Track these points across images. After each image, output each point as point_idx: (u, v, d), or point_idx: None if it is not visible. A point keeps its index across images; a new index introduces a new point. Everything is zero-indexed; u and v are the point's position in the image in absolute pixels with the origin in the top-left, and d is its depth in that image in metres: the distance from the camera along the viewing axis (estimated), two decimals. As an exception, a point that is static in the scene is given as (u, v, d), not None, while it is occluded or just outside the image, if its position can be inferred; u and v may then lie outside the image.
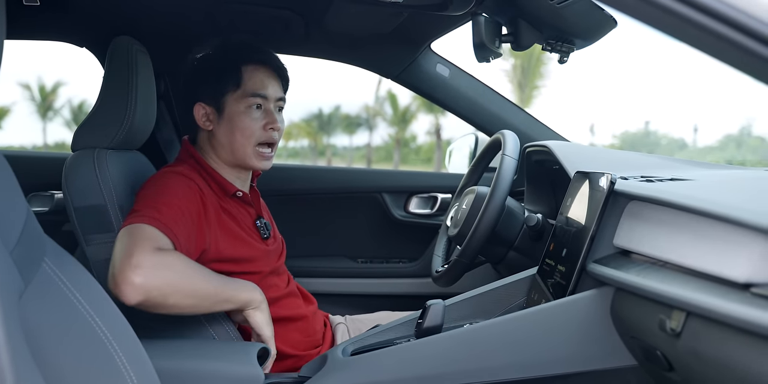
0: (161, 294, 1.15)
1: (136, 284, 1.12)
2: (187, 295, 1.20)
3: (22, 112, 46.46)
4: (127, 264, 1.13)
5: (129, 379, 0.87)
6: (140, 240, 1.17)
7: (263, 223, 1.53)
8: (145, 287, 1.12)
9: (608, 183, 1.05)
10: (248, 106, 1.44)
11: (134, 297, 1.12)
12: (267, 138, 1.46)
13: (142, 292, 1.12)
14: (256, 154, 1.46)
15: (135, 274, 1.12)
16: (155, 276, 1.14)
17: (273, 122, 1.45)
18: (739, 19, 0.60)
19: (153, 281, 1.13)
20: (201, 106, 1.46)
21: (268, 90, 1.45)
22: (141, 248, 1.15)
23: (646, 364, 0.98)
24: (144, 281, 1.12)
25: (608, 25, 1.29)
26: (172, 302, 1.17)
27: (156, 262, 1.15)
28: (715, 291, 0.74)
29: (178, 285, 1.18)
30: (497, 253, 1.55)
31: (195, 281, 1.21)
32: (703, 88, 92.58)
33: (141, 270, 1.12)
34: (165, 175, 1.39)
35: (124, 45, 1.47)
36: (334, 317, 1.72)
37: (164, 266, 1.17)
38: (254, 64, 1.46)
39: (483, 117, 2.08)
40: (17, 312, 0.67)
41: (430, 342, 1.14)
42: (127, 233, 1.19)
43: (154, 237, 1.20)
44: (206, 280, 1.24)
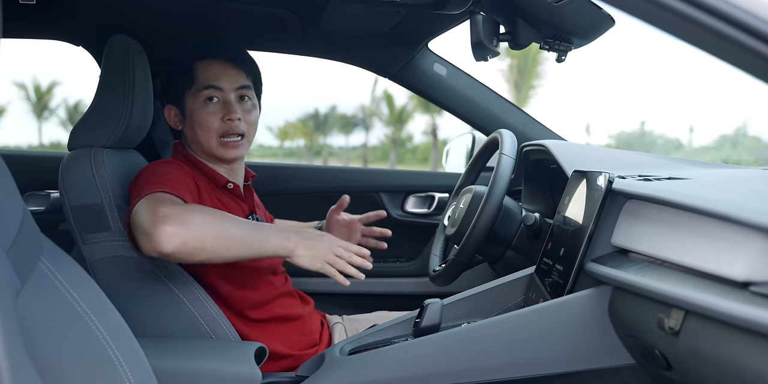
0: (195, 237, 1.16)
1: (169, 232, 1.14)
2: (220, 237, 1.20)
3: (18, 111, 46.41)
4: (156, 218, 1.15)
5: (126, 377, 0.87)
6: (159, 201, 1.20)
7: (255, 218, 1.54)
8: (179, 232, 1.14)
9: (606, 182, 1.05)
10: (203, 99, 1.45)
11: (171, 243, 1.14)
12: (227, 129, 1.45)
13: (178, 238, 1.14)
14: (221, 144, 1.45)
15: (166, 224, 1.14)
16: (186, 220, 1.16)
17: (230, 113, 1.44)
18: (740, 16, 0.60)
19: (185, 226, 1.15)
20: (169, 108, 1.50)
21: (222, 81, 1.45)
22: (164, 204, 1.19)
23: (644, 363, 0.98)
24: (177, 228, 1.15)
25: (606, 23, 1.29)
26: (208, 245, 1.18)
27: (182, 210, 1.18)
28: (713, 290, 0.74)
29: (210, 226, 1.19)
30: (495, 252, 1.55)
31: (225, 223, 1.22)
32: (699, 89, 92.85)
33: (171, 218, 1.15)
34: (156, 164, 1.41)
35: (120, 44, 1.47)
36: (331, 317, 1.72)
37: (191, 212, 1.19)
38: (207, 60, 1.47)
39: (480, 116, 2.08)
40: (14, 311, 0.67)
41: (427, 341, 1.13)
42: (143, 203, 1.21)
43: (169, 197, 1.23)
44: (236, 223, 1.24)
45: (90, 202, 1.35)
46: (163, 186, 1.26)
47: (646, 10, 0.63)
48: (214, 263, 1.27)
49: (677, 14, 0.61)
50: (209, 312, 1.35)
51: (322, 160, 45.99)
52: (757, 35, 0.60)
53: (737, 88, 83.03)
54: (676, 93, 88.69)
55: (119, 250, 1.33)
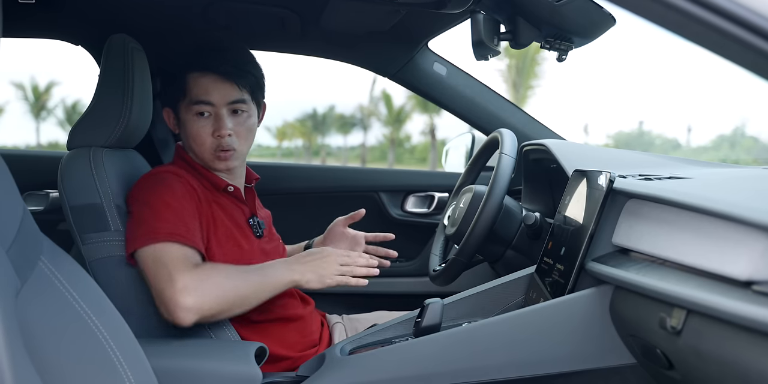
0: (212, 308, 1.22)
1: (189, 306, 1.19)
2: (235, 300, 1.26)
3: (15, 111, 46.38)
4: (173, 289, 1.19)
5: (126, 377, 0.87)
6: (172, 262, 1.23)
7: (256, 221, 1.52)
8: (197, 306, 1.19)
9: (607, 181, 1.05)
10: (195, 114, 1.41)
11: (190, 318, 1.19)
12: (217, 145, 1.41)
13: (196, 312, 1.20)
14: (216, 156, 1.43)
15: (184, 297, 1.19)
16: (203, 294, 1.21)
17: (219, 129, 1.40)
18: (743, 15, 0.60)
19: (203, 299, 1.20)
20: (167, 111, 1.49)
21: (212, 96, 1.40)
22: (178, 270, 1.22)
23: (646, 362, 0.98)
24: (195, 301, 1.19)
25: (607, 22, 1.29)
26: (225, 308, 1.25)
27: (199, 280, 1.22)
28: (716, 289, 0.74)
29: (224, 295, 1.24)
30: (495, 251, 1.55)
31: (238, 286, 1.27)
32: (697, 89, 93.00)
33: (188, 291, 1.19)
34: (155, 176, 1.39)
35: (119, 43, 1.46)
36: (331, 317, 1.71)
37: (208, 281, 1.23)
38: (199, 71, 1.41)
39: (480, 116, 2.07)
40: (14, 310, 0.67)
41: (428, 341, 1.13)
42: (154, 258, 1.24)
43: (181, 254, 1.25)
44: (247, 281, 1.29)
45: (89, 201, 1.35)
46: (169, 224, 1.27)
47: (651, 10, 0.62)
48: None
49: (682, 13, 0.60)
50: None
51: (320, 160, 45.99)
52: (761, 33, 0.60)
53: (735, 88, 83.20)
54: (674, 93, 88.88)
55: (118, 249, 1.32)
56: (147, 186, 1.36)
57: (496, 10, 1.32)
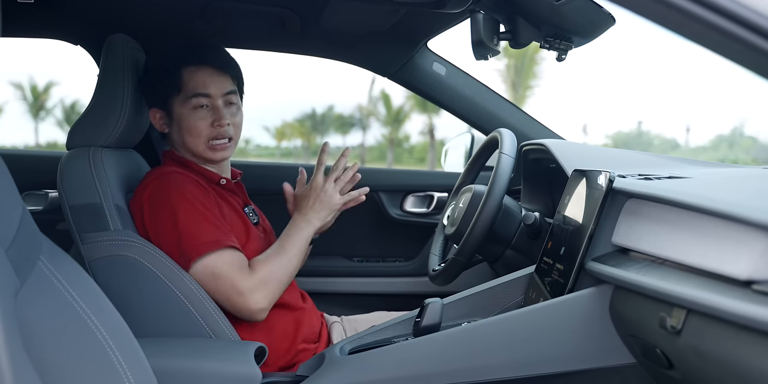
0: (276, 295, 1.40)
1: (263, 307, 1.37)
2: (290, 277, 1.44)
3: (14, 111, 46.31)
4: (243, 299, 1.35)
5: (125, 377, 0.86)
6: (228, 272, 1.34)
7: (251, 209, 1.59)
8: (268, 303, 1.38)
9: (607, 181, 1.05)
10: (192, 107, 1.46)
11: (265, 312, 1.38)
12: (216, 134, 1.47)
13: (268, 306, 1.38)
14: (209, 147, 1.48)
15: (256, 303, 1.35)
16: (269, 292, 1.37)
17: (219, 119, 1.46)
18: (743, 14, 0.60)
19: (270, 295, 1.37)
20: (154, 110, 1.50)
21: (210, 88, 1.46)
22: (238, 279, 1.34)
23: (645, 362, 0.98)
24: (265, 301, 1.37)
25: (607, 22, 1.29)
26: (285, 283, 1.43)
27: (260, 282, 1.36)
28: (716, 288, 0.74)
29: (282, 281, 1.41)
30: (494, 251, 1.55)
31: (287, 266, 1.42)
32: (696, 89, 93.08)
33: (257, 297, 1.35)
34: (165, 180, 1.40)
35: (119, 43, 1.46)
36: (329, 317, 1.72)
37: (267, 280, 1.38)
38: (194, 66, 1.46)
39: (479, 115, 2.07)
40: (13, 310, 0.67)
41: (428, 340, 1.13)
42: (208, 272, 1.34)
43: (230, 259, 1.36)
44: (288, 257, 1.43)
45: (89, 201, 1.35)
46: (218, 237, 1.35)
47: (652, 9, 0.62)
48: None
49: (683, 13, 0.60)
50: (208, 311, 1.35)
51: (319, 161, 45.71)
52: (762, 33, 0.60)
53: (734, 89, 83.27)
54: (672, 93, 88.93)
55: (118, 249, 1.32)
56: (163, 190, 1.38)
57: (495, 9, 1.32)
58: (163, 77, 1.46)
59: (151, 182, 1.41)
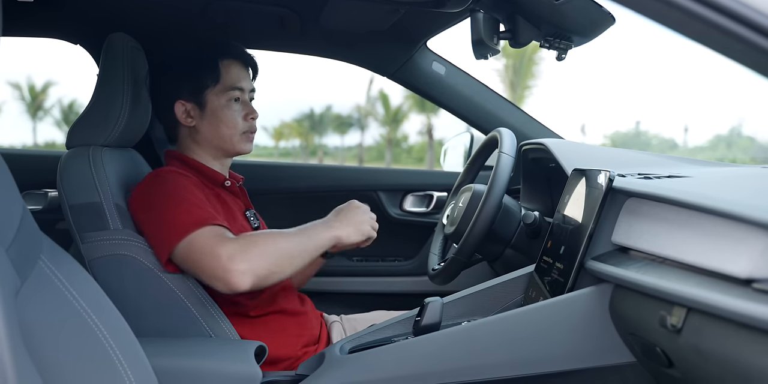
0: (263, 267, 1.23)
1: (241, 269, 1.20)
2: (283, 260, 1.27)
3: (12, 111, 46.24)
4: (220, 261, 1.21)
5: (126, 376, 0.86)
6: (208, 242, 1.24)
7: (252, 213, 1.57)
8: (249, 268, 1.21)
9: (606, 180, 1.05)
10: (228, 99, 1.48)
11: (245, 281, 1.20)
12: (250, 127, 1.52)
13: (249, 274, 1.21)
14: (243, 138, 1.51)
15: (234, 263, 1.20)
16: (251, 256, 1.22)
17: (252, 112, 1.51)
18: (745, 13, 0.60)
19: (252, 260, 1.21)
20: (181, 103, 1.48)
21: (243, 83, 1.51)
22: (218, 244, 1.23)
23: (645, 360, 0.98)
24: (245, 264, 1.21)
25: (606, 22, 1.29)
26: (276, 268, 1.25)
27: (242, 246, 1.23)
28: (716, 287, 0.74)
29: (271, 254, 1.25)
30: (494, 250, 1.55)
31: (282, 246, 1.28)
32: (694, 89, 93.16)
33: (235, 257, 1.20)
34: (158, 177, 1.40)
35: (118, 42, 1.46)
36: (329, 316, 1.72)
37: (251, 245, 1.24)
38: (229, 59, 1.50)
39: (479, 115, 2.08)
40: (14, 309, 0.67)
41: (428, 340, 1.13)
42: (189, 249, 1.25)
43: (214, 233, 1.26)
44: (289, 241, 1.31)
45: (88, 200, 1.35)
46: (196, 218, 1.28)
47: (653, 8, 0.63)
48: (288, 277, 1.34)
49: (684, 12, 0.61)
50: (208, 310, 1.35)
51: (317, 160, 45.95)
52: (763, 32, 0.60)
53: (732, 89, 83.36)
54: (671, 93, 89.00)
55: (118, 248, 1.32)
56: (154, 190, 1.37)
57: (495, 8, 1.32)
58: (199, 67, 1.48)
59: (148, 181, 1.40)
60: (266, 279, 1.24)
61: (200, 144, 1.51)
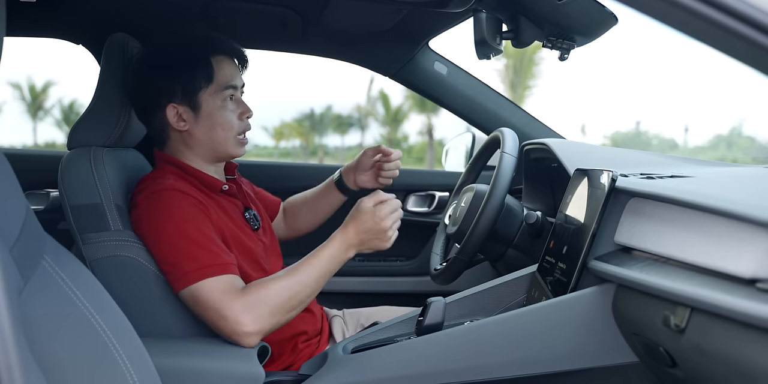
0: (273, 322, 1.22)
1: (250, 332, 1.19)
2: (292, 306, 1.25)
3: (12, 112, 46.22)
4: (228, 324, 1.19)
5: (129, 376, 0.86)
6: (213, 298, 1.21)
7: (252, 214, 1.52)
8: (258, 329, 1.19)
9: (609, 180, 1.05)
10: (223, 99, 1.40)
11: (255, 340, 1.20)
12: (245, 127, 1.45)
13: (258, 334, 1.20)
14: (237, 142, 1.44)
15: (242, 327, 1.18)
16: (259, 316, 1.20)
17: (247, 111, 1.44)
18: (748, 12, 0.60)
19: (260, 321, 1.19)
20: (173, 106, 1.39)
21: (236, 80, 1.43)
22: (223, 303, 1.20)
23: (648, 360, 0.98)
24: (254, 326, 1.19)
25: (609, 21, 1.29)
26: (286, 312, 1.24)
27: (249, 306, 1.20)
28: (720, 287, 0.74)
29: (281, 307, 1.22)
30: (496, 250, 1.55)
31: (290, 293, 1.24)
32: (694, 89, 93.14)
33: (242, 319, 1.18)
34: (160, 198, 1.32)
35: (120, 42, 1.46)
36: (329, 310, 1.72)
37: (258, 303, 1.21)
38: (220, 55, 1.41)
39: (481, 115, 2.08)
40: (18, 309, 0.67)
41: (431, 339, 1.13)
42: (194, 299, 1.23)
43: (219, 285, 1.23)
44: (298, 282, 1.26)
45: (89, 201, 1.34)
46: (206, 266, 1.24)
47: (657, 8, 0.63)
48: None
49: (688, 11, 0.61)
50: None
51: (317, 161, 45.91)
52: (766, 31, 0.60)
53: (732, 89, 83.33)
54: (671, 93, 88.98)
55: (119, 249, 1.32)
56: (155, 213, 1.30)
57: (498, 9, 1.32)
58: (190, 67, 1.38)
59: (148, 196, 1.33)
60: (277, 325, 1.24)
61: (192, 148, 1.43)
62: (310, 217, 1.79)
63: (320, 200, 1.77)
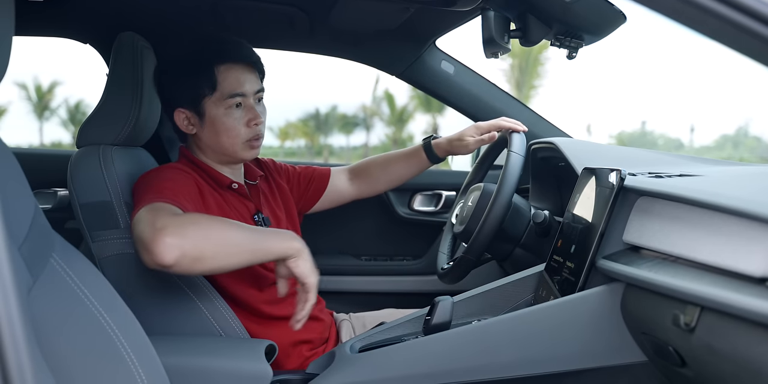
0: (195, 246, 1.11)
1: (167, 242, 1.09)
2: (221, 245, 1.15)
3: (19, 111, 46.38)
4: (153, 230, 1.11)
5: (137, 374, 0.87)
6: (156, 212, 1.16)
7: (261, 218, 1.51)
8: (177, 243, 1.09)
9: (618, 179, 1.05)
10: (228, 107, 1.40)
11: (170, 255, 1.09)
12: (253, 134, 1.43)
13: (177, 249, 1.09)
14: (246, 147, 1.44)
15: (164, 235, 1.09)
16: (184, 231, 1.11)
17: (255, 118, 1.42)
18: (760, 9, 0.60)
19: (183, 236, 1.11)
20: (180, 111, 1.42)
21: (245, 87, 1.41)
22: (160, 215, 1.14)
23: (657, 360, 0.98)
24: (175, 239, 1.09)
25: (618, 20, 1.28)
26: (209, 254, 1.13)
27: (180, 221, 1.14)
28: (730, 285, 0.74)
29: (208, 236, 1.14)
30: (504, 249, 1.55)
31: (224, 231, 1.17)
32: (700, 88, 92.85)
33: (168, 229, 1.10)
34: (158, 169, 1.39)
35: (128, 41, 1.46)
36: (338, 315, 1.72)
37: (189, 222, 1.14)
38: (227, 63, 1.40)
39: (488, 114, 2.07)
40: (27, 307, 0.67)
41: (438, 339, 1.13)
42: (139, 216, 1.17)
43: (167, 208, 1.19)
44: (236, 230, 1.19)
45: (99, 199, 1.35)
46: (161, 195, 1.23)
47: (668, 6, 0.62)
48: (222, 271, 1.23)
49: (700, 9, 0.60)
50: (218, 310, 1.35)
51: (322, 160, 45.95)
52: (779, 28, 0.60)
53: (739, 88, 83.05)
54: (677, 93, 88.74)
55: (128, 247, 1.33)
56: (147, 176, 1.35)
57: (506, 7, 1.32)
58: (194, 76, 1.39)
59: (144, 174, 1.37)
60: (196, 261, 1.12)
61: (204, 150, 1.46)
62: (383, 180, 1.80)
63: (399, 164, 1.78)
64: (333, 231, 2.29)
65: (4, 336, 0.55)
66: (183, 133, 1.48)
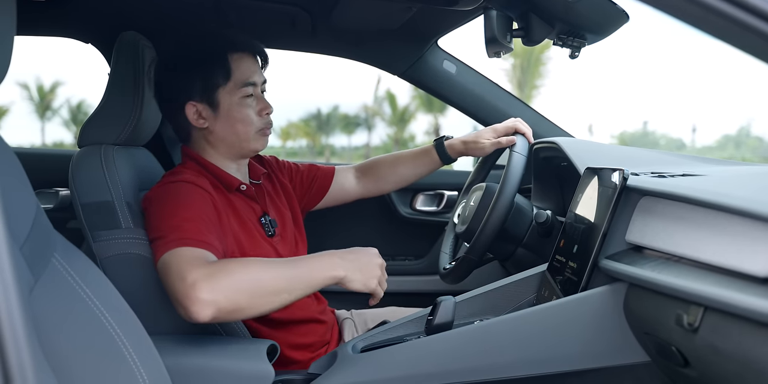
0: (230, 300, 1.09)
1: (202, 299, 1.07)
2: (257, 294, 1.12)
3: (21, 111, 46.45)
4: (184, 286, 1.08)
5: (138, 374, 0.87)
6: (183, 262, 1.13)
7: (268, 220, 1.50)
8: (212, 298, 1.07)
9: (621, 179, 1.05)
10: (242, 96, 1.40)
11: (206, 312, 1.07)
12: (265, 123, 1.45)
13: (211, 306, 1.07)
14: (258, 136, 1.44)
15: (197, 291, 1.07)
16: (218, 286, 1.08)
17: (267, 107, 1.44)
18: (765, 7, 0.60)
19: (218, 291, 1.08)
20: (192, 104, 1.40)
21: (255, 77, 1.42)
22: (189, 267, 1.11)
23: (660, 360, 0.97)
24: (209, 294, 1.07)
25: (620, 19, 1.28)
26: (245, 304, 1.11)
27: (211, 273, 1.10)
28: (733, 285, 0.74)
29: (244, 287, 1.11)
30: (506, 249, 1.55)
31: (259, 277, 1.14)
32: (702, 89, 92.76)
33: (200, 284, 1.08)
34: (172, 187, 1.33)
35: (130, 41, 1.46)
36: (339, 312, 1.71)
37: (220, 273, 1.11)
38: (238, 53, 1.41)
39: (490, 114, 2.07)
40: (28, 306, 0.67)
41: (440, 339, 1.13)
42: (166, 263, 1.16)
43: (194, 255, 1.16)
44: (271, 272, 1.16)
45: (100, 199, 1.35)
46: (184, 234, 1.19)
47: (672, 5, 0.62)
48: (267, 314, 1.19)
49: (704, 7, 0.60)
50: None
51: (324, 160, 45.83)
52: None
53: (740, 88, 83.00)
54: (678, 93, 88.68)
55: (129, 247, 1.32)
56: (163, 199, 1.31)
57: (508, 6, 1.32)
58: (207, 65, 1.39)
59: (162, 185, 1.35)
60: (233, 314, 1.11)
61: (214, 145, 1.44)
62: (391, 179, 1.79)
63: (408, 163, 1.76)
64: (335, 230, 2.29)
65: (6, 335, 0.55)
66: (184, 133, 1.46)
